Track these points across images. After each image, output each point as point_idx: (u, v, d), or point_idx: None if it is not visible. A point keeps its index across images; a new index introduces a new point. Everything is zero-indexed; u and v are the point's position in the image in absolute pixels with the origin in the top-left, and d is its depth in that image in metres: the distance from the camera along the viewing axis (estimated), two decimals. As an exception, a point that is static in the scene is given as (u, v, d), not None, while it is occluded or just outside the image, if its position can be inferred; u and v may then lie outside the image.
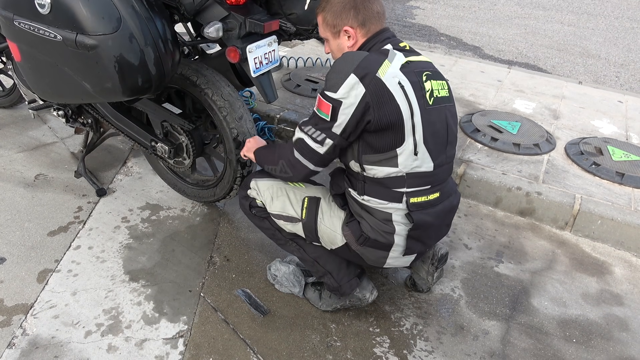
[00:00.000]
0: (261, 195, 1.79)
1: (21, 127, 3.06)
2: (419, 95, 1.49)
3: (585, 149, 2.95)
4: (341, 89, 1.45)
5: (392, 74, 1.46)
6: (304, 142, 1.56)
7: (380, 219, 1.59)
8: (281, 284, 1.95)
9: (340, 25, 1.57)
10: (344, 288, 1.78)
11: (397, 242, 1.61)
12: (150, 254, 2.13)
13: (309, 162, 1.59)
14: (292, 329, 1.82)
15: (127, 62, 1.64)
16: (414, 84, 1.49)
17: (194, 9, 1.84)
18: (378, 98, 1.44)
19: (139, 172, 2.71)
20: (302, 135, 1.57)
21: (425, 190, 1.58)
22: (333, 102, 1.46)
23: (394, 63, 1.47)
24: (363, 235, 1.61)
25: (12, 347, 1.66)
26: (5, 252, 2.07)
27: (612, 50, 5.88)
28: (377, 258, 1.66)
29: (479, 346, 1.81)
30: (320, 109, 1.51)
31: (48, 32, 1.66)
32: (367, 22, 1.56)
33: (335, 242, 1.69)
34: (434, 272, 1.92)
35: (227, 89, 2.04)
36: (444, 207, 1.67)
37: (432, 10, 7.31)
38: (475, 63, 4.57)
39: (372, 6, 1.55)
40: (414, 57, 1.56)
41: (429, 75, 1.55)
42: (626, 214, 2.39)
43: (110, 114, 2.35)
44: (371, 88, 1.43)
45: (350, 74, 1.44)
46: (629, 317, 2.00)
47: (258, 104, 3.28)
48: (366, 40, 1.58)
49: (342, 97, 1.45)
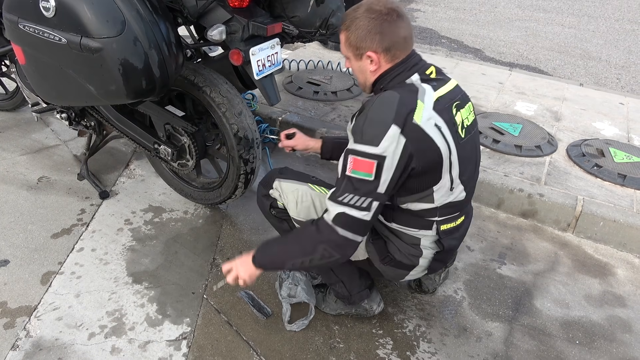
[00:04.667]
0: (284, 197, 1.71)
1: (24, 129, 3.07)
2: (453, 132, 1.42)
3: (587, 151, 2.95)
4: (383, 142, 1.31)
5: (427, 116, 1.36)
6: (347, 215, 1.35)
7: (408, 243, 1.57)
8: (295, 297, 1.91)
9: (363, 49, 1.44)
10: (354, 298, 1.78)
11: (421, 264, 1.61)
12: (153, 256, 2.13)
13: (357, 235, 1.39)
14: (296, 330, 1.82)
15: (131, 65, 1.64)
16: (448, 122, 1.41)
17: (197, 12, 1.85)
18: (419, 145, 1.35)
19: (141, 175, 2.71)
20: (341, 208, 1.36)
21: (455, 216, 1.58)
22: (377, 159, 1.31)
23: (427, 103, 1.37)
24: (389, 256, 1.59)
25: (16, 349, 1.67)
26: (8, 254, 2.07)
27: (613, 53, 5.89)
28: (397, 275, 1.67)
29: (482, 348, 1.81)
30: (358, 170, 1.33)
31: (52, 35, 1.67)
32: (392, 48, 1.42)
33: (356, 256, 1.67)
34: (442, 271, 1.93)
35: (225, 86, 2.05)
36: (466, 226, 1.69)
37: (433, 12, 7.32)
38: (477, 65, 4.58)
39: (399, 31, 1.41)
40: (442, 88, 1.46)
41: (458, 105, 1.48)
42: (628, 216, 2.39)
43: (113, 117, 2.36)
44: (412, 136, 1.33)
45: (391, 125, 1.31)
46: (631, 318, 2.00)
47: (260, 106, 3.29)
48: (391, 68, 1.46)
49: (384, 151, 1.31)
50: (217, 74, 2.10)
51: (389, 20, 1.40)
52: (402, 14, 1.43)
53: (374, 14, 1.40)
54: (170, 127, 2.19)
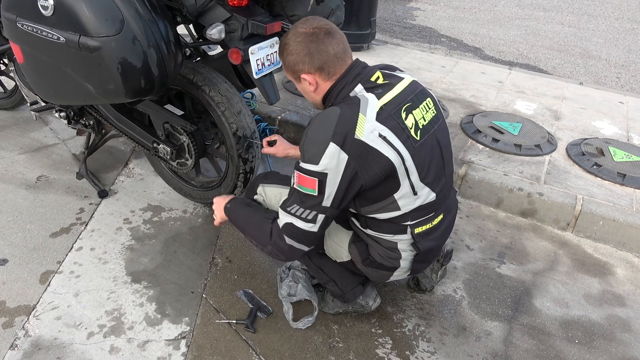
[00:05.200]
0: (268, 201, 1.76)
1: (23, 128, 3.06)
2: (404, 139, 1.39)
3: (587, 150, 2.95)
4: (323, 160, 1.34)
5: (370, 128, 1.35)
6: (294, 226, 1.44)
7: (386, 247, 1.58)
8: (295, 296, 1.91)
9: (298, 72, 1.48)
10: (348, 295, 1.78)
11: (402, 265, 1.61)
12: (153, 256, 2.13)
13: (303, 245, 1.47)
14: (295, 330, 1.82)
15: (130, 64, 1.64)
16: (394, 129, 1.38)
17: (197, 11, 1.84)
18: (363, 160, 1.35)
19: (140, 174, 2.71)
20: (288, 218, 1.44)
21: (429, 217, 1.56)
22: (318, 176, 1.36)
23: (369, 115, 1.37)
24: (369, 258, 1.61)
25: (15, 349, 1.67)
26: (7, 253, 2.07)
27: (613, 51, 5.89)
28: (381, 276, 1.67)
29: (482, 347, 1.81)
30: (303, 185, 1.39)
31: (51, 33, 1.66)
32: (325, 66, 1.44)
33: (340, 257, 1.69)
34: (439, 269, 1.93)
35: (224, 85, 2.05)
36: (448, 224, 1.67)
37: (432, 11, 7.31)
38: (476, 64, 4.57)
39: (327, 49, 1.42)
40: (389, 93, 1.44)
41: (408, 107, 1.45)
42: (628, 215, 2.39)
43: (112, 116, 2.35)
44: (354, 152, 1.34)
45: (330, 143, 1.33)
46: (631, 318, 2.00)
47: (259, 105, 3.28)
48: (332, 86, 1.47)
49: (325, 169, 1.34)
50: (217, 72, 2.09)
51: (315, 40, 1.42)
52: (330, 30, 1.44)
53: (300, 37, 1.44)
54: (170, 126, 2.19)
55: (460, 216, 2.55)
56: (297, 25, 1.48)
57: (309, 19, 1.49)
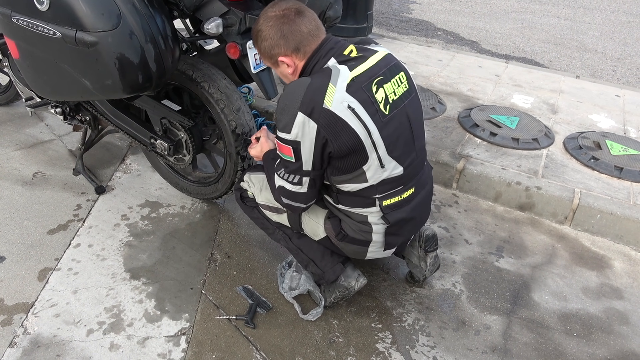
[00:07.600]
0: (252, 186, 1.85)
1: (18, 124, 3.04)
2: (372, 112, 1.44)
3: (584, 144, 2.95)
4: (293, 130, 1.42)
5: (339, 99, 1.40)
6: (285, 188, 1.56)
7: (357, 221, 1.63)
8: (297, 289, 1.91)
9: (275, 56, 1.51)
10: (328, 275, 1.80)
11: (375, 239, 1.66)
12: (151, 252, 2.12)
13: (299, 203, 1.58)
14: (295, 325, 1.82)
15: (127, 59, 1.62)
16: (364, 102, 1.42)
17: (194, 5, 1.83)
18: (332, 129, 1.41)
19: (137, 170, 2.69)
20: (280, 181, 1.56)
21: (398, 190, 1.60)
22: (292, 144, 1.44)
23: (339, 85, 1.41)
24: (342, 232, 1.66)
25: (14, 347, 1.66)
26: (4, 250, 2.06)
27: (609, 44, 5.89)
28: (356, 252, 1.72)
29: (481, 341, 1.82)
30: (283, 153, 1.49)
31: (47, 29, 1.64)
32: (300, 46, 1.48)
33: (317, 234, 1.75)
34: (424, 256, 1.92)
35: (223, 82, 2.04)
36: (421, 199, 1.70)
37: (428, 4, 7.29)
38: (473, 58, 4.57)
39: (300, 28, 1.46)
40: (361, 65, 1.47)
41: (380, 80, 1.48)
42: (625, 208, 2.40)
43: (108, 111, 2.33)
44: (322, 121, 1.40)
45: (297, 112, 1.40)
46: (629, 310, 2.01)
47: (257, 100, 3.27)
48: (306, 62, 1.51)
49: (296, 137, 1.42)
50: (216, 69, 2.07)
51: (287, 22, 1.45)
52: (300, 9, 1.47)
53: (271, 21, 1.47)
54: (167, 122, 2.17)
55: (458, 210, 2.55)
56: (266, 10, 1.51)
57: (277, 2, 1.51)
